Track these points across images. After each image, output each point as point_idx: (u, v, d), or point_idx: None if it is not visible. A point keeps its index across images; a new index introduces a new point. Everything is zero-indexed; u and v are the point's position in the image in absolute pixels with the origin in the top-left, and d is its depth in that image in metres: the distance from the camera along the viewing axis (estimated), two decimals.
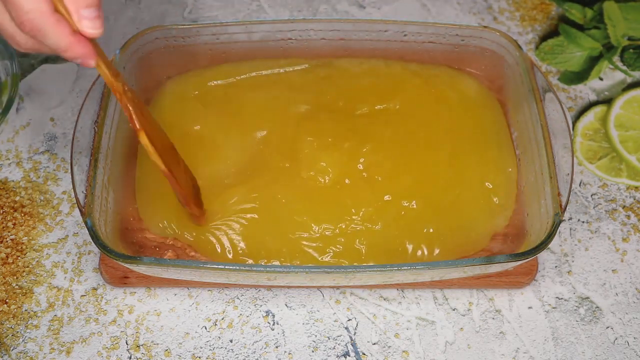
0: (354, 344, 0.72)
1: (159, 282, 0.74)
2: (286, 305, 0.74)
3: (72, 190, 0.73)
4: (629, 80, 0.90)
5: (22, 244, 0.77)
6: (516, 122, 0.80)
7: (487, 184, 0.77)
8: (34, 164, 0.82)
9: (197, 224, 0.74)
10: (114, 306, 0.74)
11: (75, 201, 0.75)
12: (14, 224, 0.78)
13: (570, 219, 0.80)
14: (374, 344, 0.72)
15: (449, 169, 0.77)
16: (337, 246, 0.73)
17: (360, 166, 0.77)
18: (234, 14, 0.95)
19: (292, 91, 0.81)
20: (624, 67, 0.89)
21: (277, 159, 0.77)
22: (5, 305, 0.73)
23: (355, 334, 0.73)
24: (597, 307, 0.75)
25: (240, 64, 0.83)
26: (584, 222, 0.80)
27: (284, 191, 0.75)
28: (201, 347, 0.72)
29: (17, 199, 0.79)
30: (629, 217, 0.80)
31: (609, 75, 0.90)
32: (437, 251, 0.74)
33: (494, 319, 0.74)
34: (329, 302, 0.75)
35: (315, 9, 0.95)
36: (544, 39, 0.91)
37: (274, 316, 0.74)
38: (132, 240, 0.75)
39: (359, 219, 0.74)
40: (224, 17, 0.94)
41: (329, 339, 0.73)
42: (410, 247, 0.74)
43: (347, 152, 0.77)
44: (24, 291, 0.74)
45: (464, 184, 0.77)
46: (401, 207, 0.75)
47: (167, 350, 0.72)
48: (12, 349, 0.72)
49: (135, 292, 0.75)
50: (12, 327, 0.73)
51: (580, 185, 0.82)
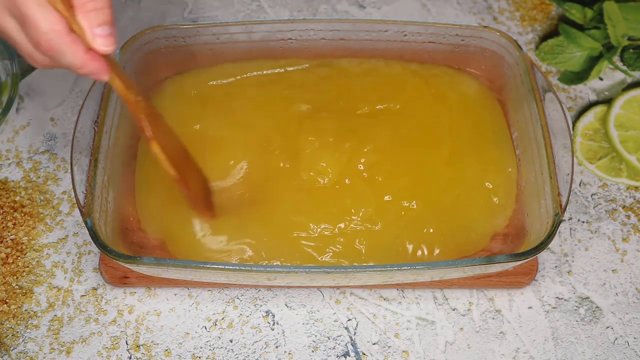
0: (354, 344, 0.72)
1: (159, 282, 0.74)
2: (286, 305, 0.74)
3: (72, 190, 0.73)
4: (629, 80, 0.90)
5: (22, 244, 0.77)
6: (516, 122, 0.80)
7: (487, 184, 0.77)
8: (34, 164, 0.82)
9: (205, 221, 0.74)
10: (114, 306, 0.74)
11: (75, 201, 0.75)
12: (14, 224, 0.78)
13: (570, 219, 0.80)
14: (374, 344, 0.72)
15: (448, 169, 0.77)
16: (337, 246, 0.73)
17: (360, 166, 0.77)
18: (234, 14, 0.95)
19: (292, 91, 0.81)
20: (624, 67, 0.89)
21: (277, 159, 0.77)
22: (5, 305, 0.73)
23: (355, 334, 0.73)
24: (597, 307, 0.75)
25: (240, 64, 0.83)
26: (584, 222, 0.80)
27: (284, 191, 0.75)
28: (201, 347, 0.72)
29: (17, 199, 0.79)
30: (629, 217, 0.80)
31: (609, 75, 0.90)
32: (437, 251, 0.74)
33: (494, 319, 0.74)
34: (329, 302, 0.75)
35: (315, 9, 0.95)
36: (544, 39, 0.91)
37: (274, 316, 0.74)
38: (132, 240, 0.75)
39: (359, 219, 0.74)
40: (224, 17, 0.94)
41: (329, 339, 0.73)
42: (410, 247, 0.74)
43: (347, 152, 0.77)
44: (24, 291, 0.74)
45: (464, 184, 0.76)
46: (401, 207, 0.75)
47: (167, 350, 0.72)
48: (12, 349, 0.72)
49: (135, 292, 0.75)
50: (12, 327, 0.73)
51: (580, 185, 0.82)
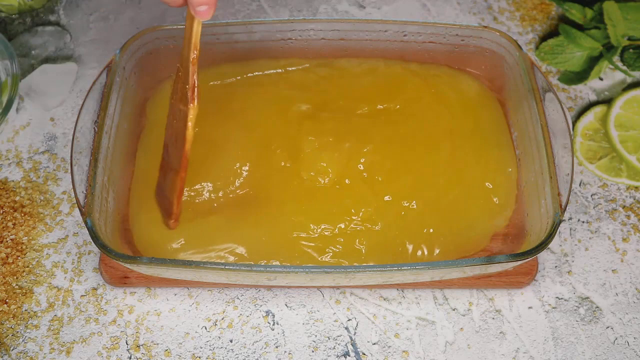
0: (354, 344, 0.72)
1: (159, 282, 0.74)
2: (286, 305, 0.74)
3: (72, 190, 0.73)
4: (629, 80, 0.90)
5: (22, 244, 0.77)
6: (516, 122, 0.80)
7: (487, 184, 0.77)
8: (34, 164, 0.82)
9: (167, 226, 0.70)
10: (114, 306, 0.74)
11: (75, 201, 0.75)
12: (14, 224, 0.78)
13: (570, 219, 0.80)
14: (374, 344, 0.72)
15: (449, 169, 0.77)
16: (337, 246, 0.73)
17: (360, 166, 0.77)
18: (234, 14, 0.95)
19: (292, 91, 0.81)
20: (624, 67, 0.89)
21: (277, 159, 0.77)
22: (5, 305, 0.73)
23: (355, 334, 0.73)
24: (597, 307, 0.75)
25: (240, 64, 0.83)
26: (584, 222, 0.80)
27: (284, 191, 0.75)
28: (201, 347, 0.72)
29: (17, 199, 0.79)
30: (629, 217, 0.80)
31: (609, 75, 0.90)
32: (437, 251, 0.74)
33: (494, 319, 0.74)
34: (329, 302, 0.75)
35: (315, 9, 0.95)
36: (544, 39, 0.91)
37: (274, 316, 0.74)
38: (132, 240, 0.75)
39: (359, 219, 0.74)
40: (224, 17, 0.94)
41: (329, 339, 0.73)
42: (410, 247, 0.74)
43: (347, 152, 0.77)
44: (24, 291, 0.74)
45: (464, 184, 0.76)
46: (401, 208, 0.75)
47: (167, 350, 0.72)
48: (12, 349, 0.72)
49: (135, 292, 0.75)
50: (12, 327, 0.73)
51: (580, 185, 0.82)
